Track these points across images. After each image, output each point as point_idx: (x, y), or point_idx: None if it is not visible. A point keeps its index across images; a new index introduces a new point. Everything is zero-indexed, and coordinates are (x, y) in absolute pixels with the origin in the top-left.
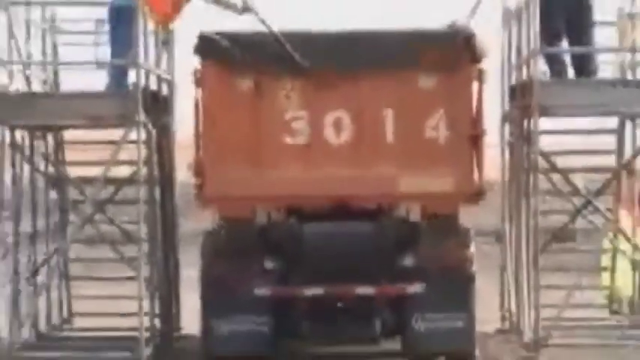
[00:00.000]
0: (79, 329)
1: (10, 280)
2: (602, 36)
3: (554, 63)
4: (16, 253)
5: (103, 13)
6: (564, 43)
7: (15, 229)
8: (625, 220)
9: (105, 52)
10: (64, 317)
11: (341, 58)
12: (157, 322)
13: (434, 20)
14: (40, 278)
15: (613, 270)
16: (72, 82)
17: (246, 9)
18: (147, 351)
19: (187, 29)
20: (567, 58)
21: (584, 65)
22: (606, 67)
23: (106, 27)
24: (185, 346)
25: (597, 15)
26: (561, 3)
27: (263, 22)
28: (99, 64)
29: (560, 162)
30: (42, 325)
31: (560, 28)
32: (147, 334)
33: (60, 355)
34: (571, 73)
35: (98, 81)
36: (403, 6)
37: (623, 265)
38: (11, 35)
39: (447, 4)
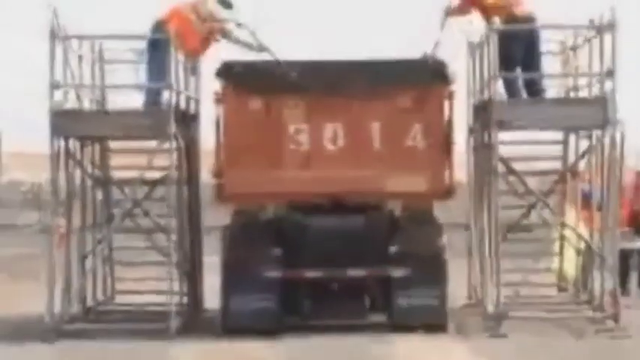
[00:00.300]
0: (120, 304)
1: (63, 264)
2: (549, 63)
3: (510, 86)
4: (68, 242)
5: (141, 44)
6: (518, 70)
7: (68, 222)
8: (570, 215)
9: (142, 76)
10: (108, 295)
11: (336, 82)
12: (184, 299)
13: (410, 51)
14: (88, 262)
15: (561, 255)
16: (116, 101)
17: (262, 48)
18: (175, 323)
19: (210, 58)
20: (520, 82)
21: (535, 87)
22: (552, 89)
23: (144, 56)
24: (207, 319)
25: (545, 46)
26: (517, 37)
27: (274, 56)
28: (138, 87)
29: (516, 167)
30: (89, 302)
31: (516, 57)
32: (176, 309)
33: (103, 326)
34: (524, 93)
35: (137, 100)
36: (381, 40)
37: (569, 252)
38: (66, 63)
39: (420, 38)
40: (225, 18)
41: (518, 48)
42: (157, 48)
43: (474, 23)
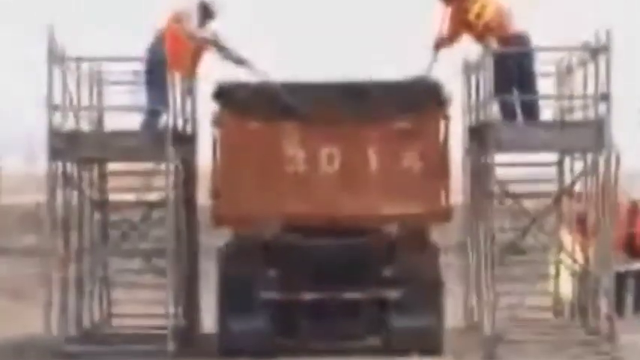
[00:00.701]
0: (116, 327)
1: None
2: (545, 84)
3: (505, 106)
4: (65, 263)
5: (138, 66)
6: (515, 92)
7: (65, 244)
8: (566, 237)
9: (140, 98)
10: (104, 317)
11: (333, 105)
12: (181, 321)
13: (405, 72)
14: (85, 284)
15: (557, 278)
16: (114, 122)
17: (245, 63)
18: (172, 345)
19: (207, 80)
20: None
21: (530, 109)
22: (548, 111)
23: (142, 77)
24: (204, 341)
25: (541, 67)
26: (511, 57)
27: (261, 74)
28: (135, 109)
29: (512, 188)
30: (86, 323)
31: (511, 78)
32: (172, 331)
33: (100, 348)
34: (519, 113)
35: (135, 121)
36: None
37: (565, 274)
38: (65, 84)
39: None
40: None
41: (512, 68)
42: (154, 70)
43: None
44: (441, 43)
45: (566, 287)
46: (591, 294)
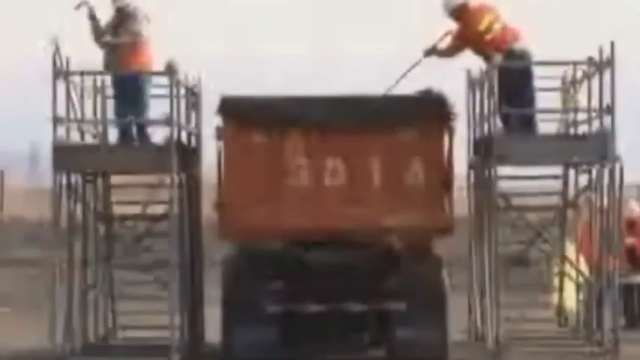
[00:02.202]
0: (121, 339)
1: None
2: (549, 98)
3: (508, 120)
4: (70, 276)
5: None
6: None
7: (70, 256)
8: (570, 249)
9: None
10: (109, 329)
11: (337, 117)
12: (185, 333)
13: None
14: (90, 296)
15: (561, 290)
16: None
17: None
18: (176, 357)
19: (211, 94)
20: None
21: (529, 122)
22: (552, 124)
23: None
24: (208, 353)
25: (546, 81)
26: (515, 71)
27: None
28: (139, 121)
29: (516, 201)
30: (90, 336)
31: (514, 92)
32: (177, 343)
33: (104, 359)
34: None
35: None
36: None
37: (569, 287)
38: (69, 98)
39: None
40: None
41: (515, 82)
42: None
43: None
44: (432, 52)
45: (570, 299)
46: (595, 306)
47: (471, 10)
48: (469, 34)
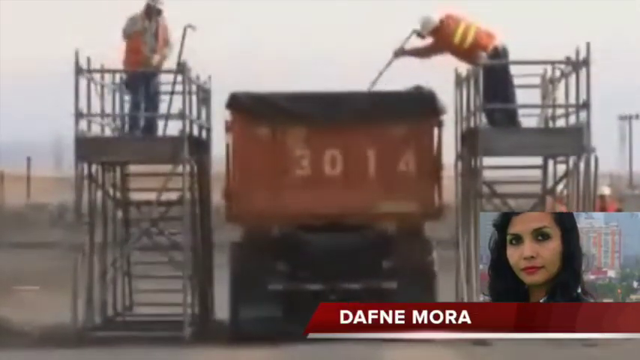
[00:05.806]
0: (137, 315)
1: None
2: (529, 94)
3: (491, 114)
4: (91, 257)
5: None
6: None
7: (90, 239)
8: None
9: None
10: (126, 306)
11: (336, 112)
12: (197, 309)
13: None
14: (109, 276)
15: None
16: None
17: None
18: (188, 331)
19: (221, 91)
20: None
21: (510, 116)
22: (533, 119)
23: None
24: (217, 328)
25: (526, 79)
26: (497, 70)
27: None
28: (155, 116)
29: (500, 189)
30: (109, 312)
31: (496, 88)
32: (189, 319)
33: (123, 334)
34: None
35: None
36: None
37: None
38: (89, 94)
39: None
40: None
41: (499, 79)
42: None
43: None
44: (400, 53)
45: None
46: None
47: (444, 26)
48: (445, 47)
